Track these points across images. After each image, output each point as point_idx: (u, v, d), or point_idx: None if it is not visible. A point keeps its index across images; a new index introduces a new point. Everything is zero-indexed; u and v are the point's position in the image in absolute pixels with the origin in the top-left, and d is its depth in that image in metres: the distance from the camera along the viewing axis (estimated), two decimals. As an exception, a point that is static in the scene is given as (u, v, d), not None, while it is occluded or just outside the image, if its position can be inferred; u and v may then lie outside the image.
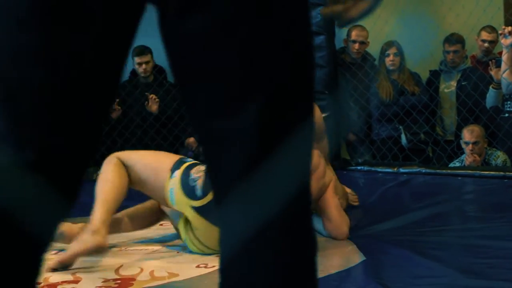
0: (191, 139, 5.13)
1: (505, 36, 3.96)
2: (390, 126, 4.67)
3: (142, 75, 5.11)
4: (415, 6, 5.19)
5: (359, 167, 4.74)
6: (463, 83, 4.74)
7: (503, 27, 4.07)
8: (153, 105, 5.11)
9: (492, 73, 4.44)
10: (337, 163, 4.78)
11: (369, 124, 4.94)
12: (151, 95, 5.09)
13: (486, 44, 4.72)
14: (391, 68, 4.80)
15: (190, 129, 5.03)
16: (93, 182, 2.32)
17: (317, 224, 2.58)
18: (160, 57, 5.22)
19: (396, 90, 4.78)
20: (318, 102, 4.74)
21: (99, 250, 2.15)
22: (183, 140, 5.20)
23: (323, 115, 4.64)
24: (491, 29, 4.67)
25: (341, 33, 5.04)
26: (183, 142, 5.21)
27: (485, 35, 4.71)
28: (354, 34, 4.97)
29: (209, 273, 2.14)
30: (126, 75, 5.10)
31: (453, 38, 4.77)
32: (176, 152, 4.14)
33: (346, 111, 4.90)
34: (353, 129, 4.95)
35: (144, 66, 5.03)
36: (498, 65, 4.35)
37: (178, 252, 2.41)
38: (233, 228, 0.85)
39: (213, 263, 2.23)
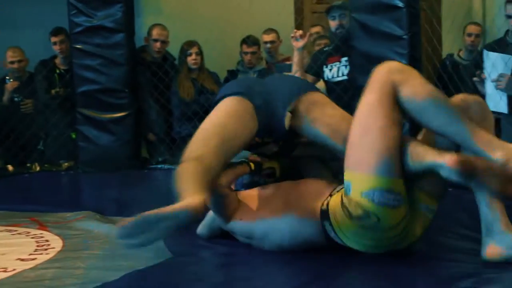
0: None
1: (296, 39, 4.18)
2: (190, 125, 4.73)
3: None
4: (212, 8, 5.35)
5: (159, 166, 4.78)
6: (259, 84, 4.94)
7: (295, 30, 4.28)
8: None
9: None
10: (137, 162, 4.80)
11: (170, 122, 4.98)
12: None
13: (268, 45, 5.00)
14: (193, 67, 4.87)
15: None
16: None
17: None
18: None
19: (196, 89, 4.87)
20: (118, 101, 4.72)
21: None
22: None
23: (122, 114, 4.67)
24: (271, 30, 4.98)
25: (141, 32, 5.04)
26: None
27: (266, 37, 5.00)
28: (155, 33, 4.97)
29: (8, 277, 2.06)
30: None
31: (250, 40, 4.97)
32: None
33: (146, 110, 4.91)
34: (153, 128, 4.97)
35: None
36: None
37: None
38: None
39: (14, 266, 2.15)
